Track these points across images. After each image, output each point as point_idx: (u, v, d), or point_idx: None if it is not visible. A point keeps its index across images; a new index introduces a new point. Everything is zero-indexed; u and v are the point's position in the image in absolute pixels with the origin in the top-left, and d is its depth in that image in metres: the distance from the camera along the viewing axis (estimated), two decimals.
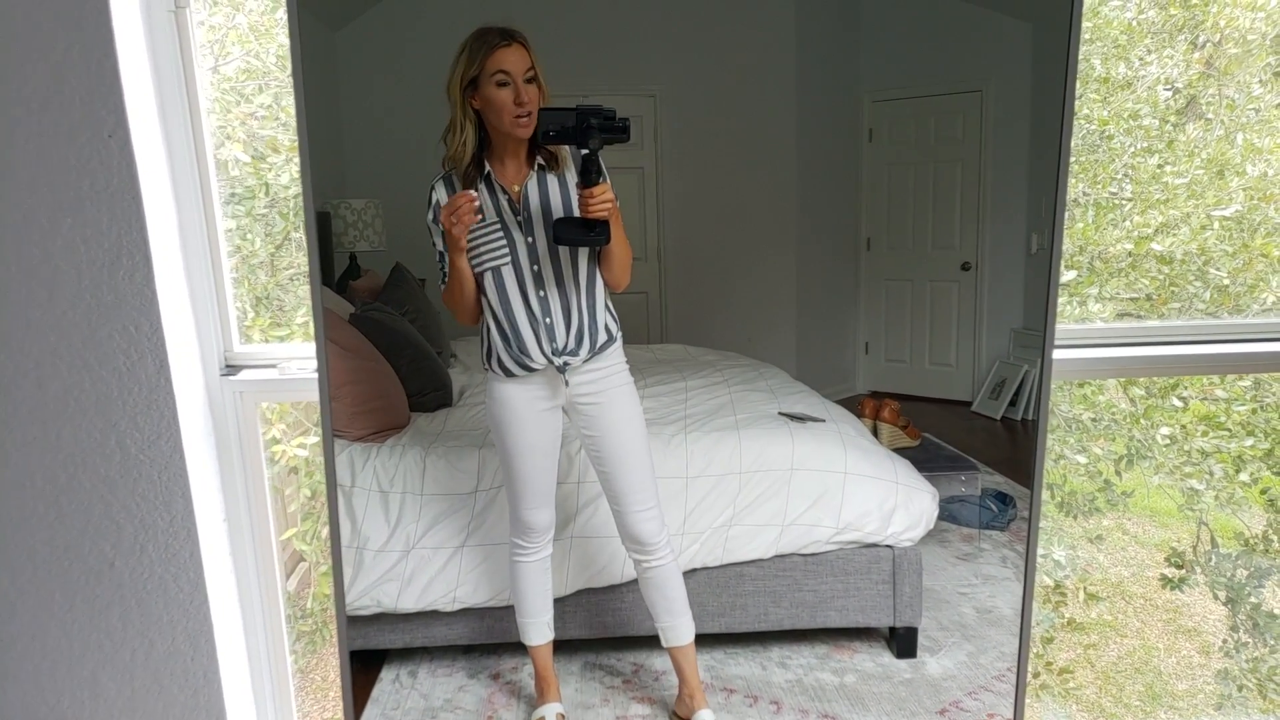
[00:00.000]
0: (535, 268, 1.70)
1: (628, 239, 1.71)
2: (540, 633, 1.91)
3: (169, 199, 1.76)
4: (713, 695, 1.97)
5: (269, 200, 2.24)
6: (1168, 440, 2.69)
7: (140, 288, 1.67)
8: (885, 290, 2.19)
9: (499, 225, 1.69)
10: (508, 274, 1.70)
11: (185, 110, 1.78)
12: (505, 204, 1.69)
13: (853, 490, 1.96)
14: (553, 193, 1.70)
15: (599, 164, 1.59)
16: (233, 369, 1.91)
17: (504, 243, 1.69)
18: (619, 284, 1.75)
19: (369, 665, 2.03)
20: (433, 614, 1.95)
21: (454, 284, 1.70)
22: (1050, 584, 2.70)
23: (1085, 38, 2.56)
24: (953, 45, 2.10)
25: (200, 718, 1.86)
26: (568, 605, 1.97)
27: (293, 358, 1.93)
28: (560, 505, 1.90)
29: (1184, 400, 2.68)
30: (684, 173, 2.03)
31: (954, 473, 2.10)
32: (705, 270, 2.11)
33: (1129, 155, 2.63)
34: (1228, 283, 2.60)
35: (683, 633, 1.87)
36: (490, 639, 1.99)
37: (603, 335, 1.76)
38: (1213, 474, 2.69)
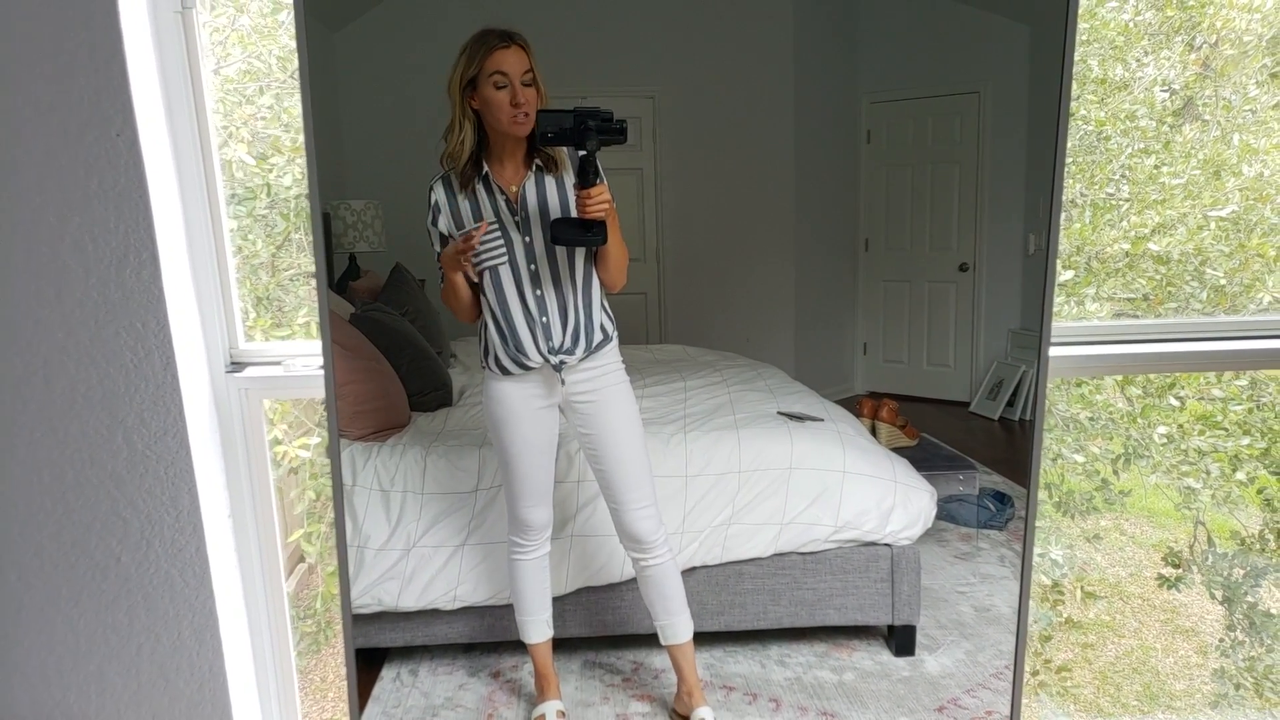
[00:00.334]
0: (532, 267, 1.72)
1: (625, 240, 1.73)
2: (539, 631, 1.92)
3: (175, 198, 1.77)
4: (712, 693, 1.98)
5: (270, 201, 2.26)
6: (1165, 440, 2.69)
7: (147, 285, 1.68)
8: (883, 291, 2.19)
9: (497, 225, 1.71)
10: (505, 273, 1.72)
11: (191, 110, 1.79)
12: (503, 204, 1.70)
13: (851, 489, 1.97)
14: (550, 193, 1.71)
15: (596, 165, 1.61)
16: (238, 366, 1.92)
17: (501, 242, 1.71)
18: (615, 284, 1.76)
19: (370, 664, 2.04)
20: (433, 612, 1.96)
21: (449, 290, 1.74)
22: (1048, 583, 2.71)
23: (1082, 39, 2.57)
24: (950, 47, 2.11)
25: (206, 711, 1.87)
26: (567, 603, 1.97)
27: (297, 355, 1.94)
28: (559, 504, 1.91)
29: (1181, 400, 2.68)
30: (682, 174, 2.04)
31: (952, 472, 2.10)
32: (704, 271, 2.11)
33: (1126, 156, 2.64)
34: (1224, 282, 2.61)
35: (681, 631, 1.88)
36: (490, 637, 2.00)
37: (598, 335, 1.77)
38: (1209, 473, 2.69)
